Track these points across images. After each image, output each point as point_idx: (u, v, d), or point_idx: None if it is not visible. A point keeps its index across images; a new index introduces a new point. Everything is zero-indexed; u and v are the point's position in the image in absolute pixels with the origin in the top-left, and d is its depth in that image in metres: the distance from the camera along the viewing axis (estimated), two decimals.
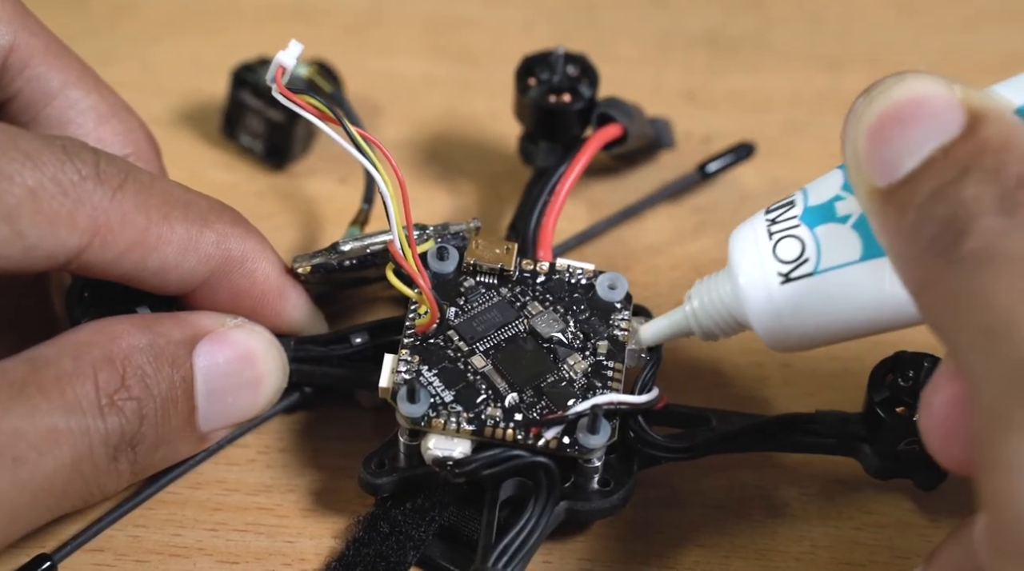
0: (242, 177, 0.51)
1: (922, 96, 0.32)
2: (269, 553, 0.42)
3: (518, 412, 0.40)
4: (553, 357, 0.41)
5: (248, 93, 0.50)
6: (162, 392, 0.36)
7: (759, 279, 0.37)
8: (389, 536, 0.41)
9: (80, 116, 0.40)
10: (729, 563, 0.42)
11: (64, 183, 0.35)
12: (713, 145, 0.53)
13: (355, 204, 0.47)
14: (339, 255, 0.42)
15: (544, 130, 0.48)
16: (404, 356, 0.41)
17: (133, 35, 0.40)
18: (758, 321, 0.37)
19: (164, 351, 0.37)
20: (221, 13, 0.57)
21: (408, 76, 0.55)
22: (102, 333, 0.36)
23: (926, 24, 0.59)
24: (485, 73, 0.55)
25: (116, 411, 0.35)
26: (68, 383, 0.34)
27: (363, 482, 0.41)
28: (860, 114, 0.33)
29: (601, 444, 0.39)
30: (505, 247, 0.43)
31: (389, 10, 0.58)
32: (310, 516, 0.42)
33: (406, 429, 0.40)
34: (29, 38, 0.39)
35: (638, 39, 0.58)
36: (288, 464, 0.44)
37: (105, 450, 0.35)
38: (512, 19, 0.58)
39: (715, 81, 0.56)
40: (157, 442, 0.37)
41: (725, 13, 0.59)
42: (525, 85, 0.49)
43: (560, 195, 0.45)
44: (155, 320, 0.37)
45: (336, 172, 0.51)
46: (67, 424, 0.34)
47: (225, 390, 0.38)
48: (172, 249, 0.37)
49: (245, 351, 0.38)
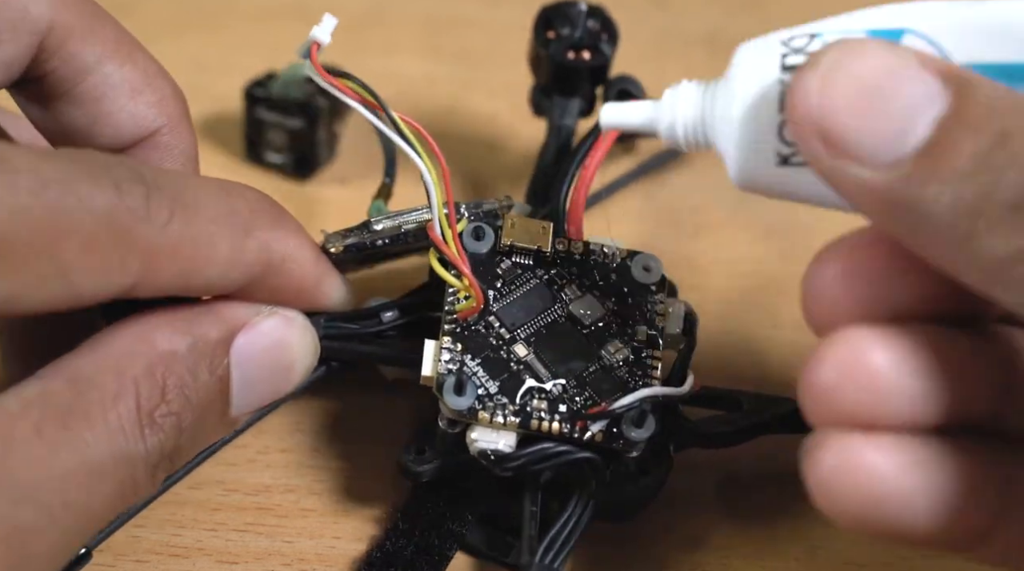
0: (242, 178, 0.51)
1: (889, 65, 0.31)
2: (268, 553, 0.42)
3: (562, 403, 0.39)
4: (593, 344, 0.41)
5: (263, 108, 0.50)
6: (200, 399, 0.36)
7: (751, 144, 0.34)
8: (431, 524, 0.40)
9: (113, 91, 0.39)
10: (729, 563, 0.42)
11: (116, 228, 0.34)
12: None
13: (361, 204, 0.46)
14: (372, 234, 0.42)
15: (560, 85, 0.47)
16: (447, 344, 0.40)
17: (133, 35, 0.39)
18: (736, 173, 0.35)
19: (203, 354, 0.36)
20: (221, 13, 0.57)
21: (408, 76, 0.55)
22: (142, 341, 0.35)
23: None
24: (485, 73, 0.55)
25: (156, 430, 0.35)
26: (112, 405, 0.34)
27: (405, 469, 0.40)
28: (820, 90, 0.31)
29: (646, 437, 0.39)
30: (541, 227, 0.42)
31: (389, 10, 0.58)
32: (309, 516, 0.42)
33: (447, 418, 0.40)
34: (66, 16, 0.38)
35: (638, 39, 0.58)
36: (287, 464, 0.44)
37: (146, 470, 0.35)
38: (512, 19, 0.58)
39: None
40: (193, 447, 0.36)
41: (725, 13, 0.59)
42: (544, 38, 0.47)
43: (590, 169, 0.43)
44: (193, 318, 0.37)
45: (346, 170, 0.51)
46: (112, 455, 0.34)
47: (259, 379, 0.38)
48: (216, 269, 0.37)
49: (280, 340, 0.38)
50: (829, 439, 0.32)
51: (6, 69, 0.37)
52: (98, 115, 0.39)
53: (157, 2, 0.57)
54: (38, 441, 0.33)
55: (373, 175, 0.47)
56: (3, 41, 0.37)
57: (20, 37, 0.37)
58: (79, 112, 0.39)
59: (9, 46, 0.37)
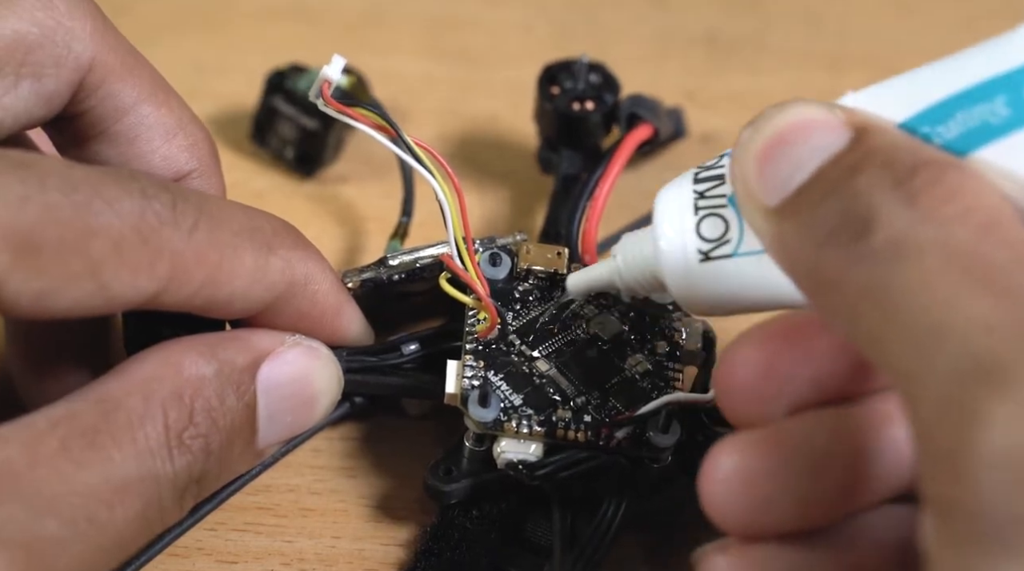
0: (242, 177, 0.51)
1: (806, 118, 0.32)
2: (268, 553, 0.42)
3: (586, 413, 0.40)
4: (615, 358, 0.41)
5: (281, 99, 0.50)
6: (228, 424, 0.36)
7: (679, 251, 0.37)
8: (460, 545, 0.40)
9: (148, 131, 0.39)
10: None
11: (144, 231, 0.34)
12: (712, 145, 0.53)
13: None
14: (388, 269, 0.42)
15: (567, 138, 0.48)
16: (469, 361, 0.41)
17: (132, 35, 0.39)
18: (674, 287, 0.37)
19: (230, 380, 0.36)
20: (221, 13, 0.57)
21: (408, 76, 0.55)
22: (169, 365, 0.36)
23: (925, 24, 0.59)
24: (485, 73, 0.55)
25: (184, 451, 0.35)
26: (139, 427, 0.34)
27: (432, 489, 0.40)
28: (747, 143, 0.33)
29: (672, 443, 0.39)
30: (556, 252, 0.43)
31: (389, 10, 0.58)
32: (309, 516, 0.42)
33: (473, 434, 0.40)
34: (108, 55, 0.38)
35: (637, 39, 0.58)
36: (287, 464, 0.43)
37: (173, 492, 0.35)
38: (512, 19, 0.58)
39: (714, 81, 0.56)
40: (221, 473, 0.36)
41: (724, 13, 0.59)
42: (548, 93, 0.48)
43: (600, 199, 0.45)
44: (219, 344, 0.37)
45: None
46: (138, 473, 0.34)
47: (285, 410, 0.38)
48: (241, 282, 0.37)
49: (304, 370, 0.38)
50: None
51: (46, 103, 0.38)
52: (132, 155, 0.39)
53: (156, 2, 0.57)
54: (64, 457, 0.33)
55: (374, 177, 0.47)
56: (46, 76, 0.37)
57: (63, 73, 0.37)
58: (113, 151, 0.39)
59: (51, 81, 0.37)
